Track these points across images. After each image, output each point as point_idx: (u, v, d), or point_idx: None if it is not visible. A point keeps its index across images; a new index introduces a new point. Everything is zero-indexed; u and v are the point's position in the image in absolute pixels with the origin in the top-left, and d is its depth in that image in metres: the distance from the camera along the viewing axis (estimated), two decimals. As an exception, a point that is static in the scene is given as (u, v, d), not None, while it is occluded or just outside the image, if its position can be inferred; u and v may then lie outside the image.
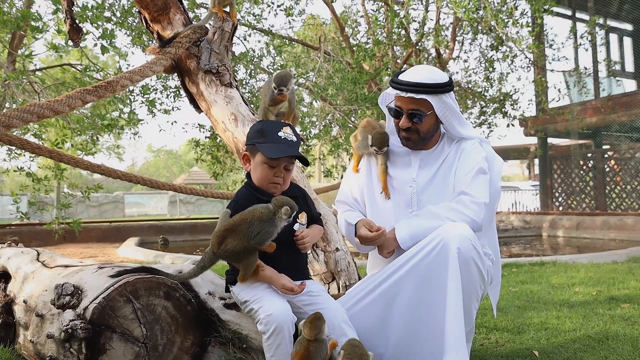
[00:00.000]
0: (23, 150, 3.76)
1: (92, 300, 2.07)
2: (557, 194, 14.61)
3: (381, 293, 2.20)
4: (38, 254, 3.01)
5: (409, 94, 2.29)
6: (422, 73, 2.33)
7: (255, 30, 8.72)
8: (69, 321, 2.03)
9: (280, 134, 2.17)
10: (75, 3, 3.30)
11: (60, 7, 4.81)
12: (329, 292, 3.00)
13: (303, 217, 2.23)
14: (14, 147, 5.66)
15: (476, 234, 2.18)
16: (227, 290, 2.25)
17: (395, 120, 2.41)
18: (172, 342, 2.17)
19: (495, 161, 2.46)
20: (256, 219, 1.99)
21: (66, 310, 2.14)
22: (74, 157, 3.36)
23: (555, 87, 10.37)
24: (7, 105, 6.97)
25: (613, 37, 14.80)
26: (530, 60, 10.01)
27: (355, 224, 2.35)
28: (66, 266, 2.69)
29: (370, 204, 2.51)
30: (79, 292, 2.18)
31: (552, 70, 10.13)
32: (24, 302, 2.54)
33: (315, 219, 2.32)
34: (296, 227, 2.18)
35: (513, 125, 9.66)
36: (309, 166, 3.25)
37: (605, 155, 13.69)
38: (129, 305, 2.10)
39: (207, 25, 3.48)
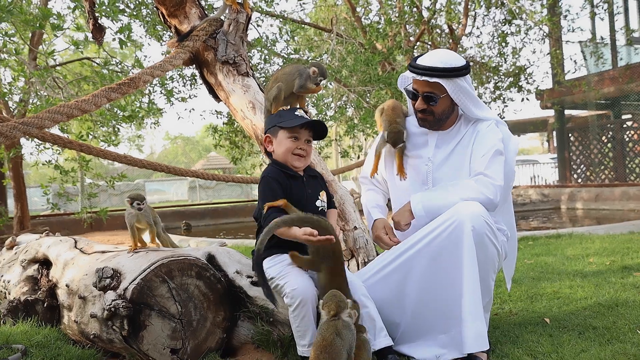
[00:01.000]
0: (55, 145, 3.96)
1: (131, 282, 2.26)
2: (575, 166, 14.52)
3: (397, 267, 2.35)
4: (75, 242, 3.22)
5: (424, 78, 2.41)
6: (437, 57, 2.44)
7: (267, 15, 8.79)
8: (111, 301, 2.23)
9: (296, 112, 2.37)
10: (95, 2, 3.45)
11: (79, 4, 4.97)
12: (348, 269, 3.17)
13: (324, 195, 2.40)
14: (41, 142, 5.90)
15: (491, 212, 2.32)
16: (254, 268, 2.42)
17: (412, 101, 2.55)
18: (205, 317, 2.36)
19: (511, 141, 2.58)
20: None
21: (107, 291, 2.34)
22: (102, 149, 3.56)
23: (571, 59, 10.29)
24: (31, 100, 7.22)
25: (632, 4, 14.46)
26: (544, 33, 9.92)
27: (375, 220, 2.60)
28: (103, 252, 2.89)
29: (390, 181, 2.68)
30: (118, 274, 2.37)
31: (567, 42, 10.03)
32: (67, 286, 2.75)
33: (331, 201, 2.48)
34: (318, 203, 2.34)
35: (528, 99, 9.63)
36: (326, 147, 3.38)
37: (624, 126, 13.52)
38: (165, 285, 2.29)
39: (222, 17, 3.61)
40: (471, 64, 10.47)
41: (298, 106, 2.63)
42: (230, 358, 2.39)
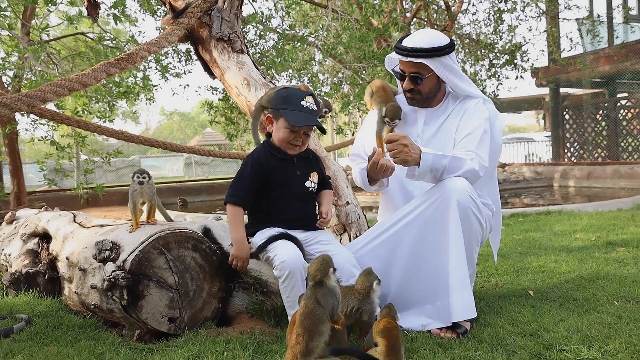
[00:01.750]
0: (51, 121, 4.00)
1: (130, 254, 2.35)
2: (568, 145, 14.62)
3: (386, 239, 2.45)
4: (74, 216, 3.30)
5: (409, 59, 2.48)
6: (421, 38, 2.51)
7: (262, -10, 8.72)
8: (111, 272, 2.31)
9: (302, 102, 2.36)
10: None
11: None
12: (341, 243, 3.27)
13: (315, 177, 2.47)
14: (37, 118, 5.92)
15: (476, 186, 2.41)
16: (248, 241, 2.51)
17: (400, 82, 2.62)
18: (201, 288, 2.46)
19: (497, 119, 2.66)
20: None
21: (107, 263, 2.42)
22: (99, 126, 3.61)
23: (567, 37, 10.27)
24: (25, 76, 7.19)
25: (630, -19, 14.36)
26: (541, 10, 9.89)
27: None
28: (101, 226, 2.97)
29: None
30: (117, 247, 2.45)
31: (564, 20, 10.00)
32: (67, 258, 2.83)
33: (325, 182, 2.56)
34: (307, 184, 2.42)
35: (522, 77, 9.65)
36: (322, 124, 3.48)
37: (618, 104, 13.58)
38: (162, 256, 2.37)
39: (216, -6, 3.62)
40: (467, 41, 10.45)
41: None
42: (226, 327, 2.49)
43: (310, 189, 2.46)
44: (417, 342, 2.18)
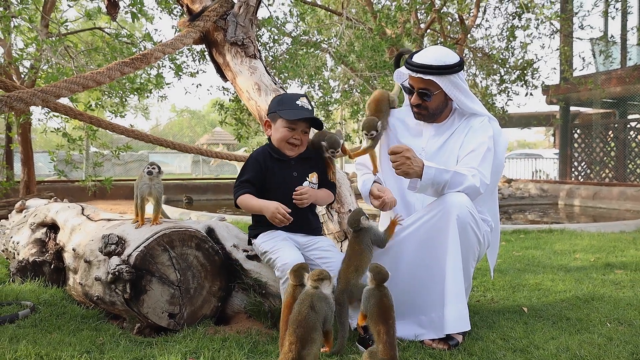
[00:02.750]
0: (66, 116, 4.09)
1: (135, 249, 2.42)
2: (576, 164, 14.59)
3: (386, 249, 2.50)
4: (83, 209, 3.38)
5: (418, 75, 2.53)
6: (432, 55, 2.55)
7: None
8: (115, 265, 2.39)
9: (297, 102, 2.49)
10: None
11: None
12: (341, 250, 3.33)
13: (314, 177, 2.52)
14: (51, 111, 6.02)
15: (477, 202, 2.46)
16: (250, 243, 2.58)
17: (409, 96, 2.67)
18: (202, 286, 2.52)
19: (501, 137, 2.71)
20: None
21: (112, 257, 2.49)
22: (111, 122, 3.69)
23: (580, 56, 10.30)
24: (42, 67, 7.32)
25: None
26: (555, 28, 9.92)
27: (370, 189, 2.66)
28: (109, 220, 3.04)
29: (383, 167, 2.80)
30: (123, 241, 2.53)
31: (577, 39, 10.04)
32: (73, 250, 2.91)
33: (328, 184, 2.60)
34: (305, 184, 2.48)
35: (532, 94, 9.67)
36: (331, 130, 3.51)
37: (628, 126, 13.55)
38: (166, 253, 2.44)
39: (233, -1, 3.70)
40: (479, 55, 10.49)
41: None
42: (224, 325, 2.56)
43: None
44: (409, 351, 2.24)
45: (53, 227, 3.42)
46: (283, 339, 1.86)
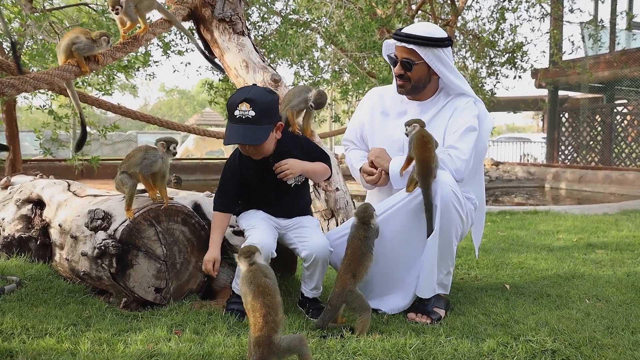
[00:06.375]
0: (49, 91, 4.04)
1: (121, 223, 2.42)
2: (563, 147, 14.73)
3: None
4: (69, 185, 3.36)
5: (402, 44, 2.55)
6: (419, 27, 2.60)
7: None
8: (101, 240, 2.39)
9: (236, 112, 2.25)
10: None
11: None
12: (328, 228, 3.35)
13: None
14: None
15: (461, 183, 2.50)
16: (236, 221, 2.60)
17: (393, 67, 2.68)
18: (188, 261, 2.54)
19: (486, 119, 2.74)
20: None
21: (98, 232, 2.49)
22: (98, 98, 3.66)
23: (569, 40, 10.32)
24: (26, 44, 7.18)
25: (636, -12, 14.36)
26: (545, 11, 9.91)
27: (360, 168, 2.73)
28: (95, 196, 3.03)
29: (370, 145, 2.81)
30: (109, 217, 2.53)
31: (566, 22, 10.04)
32: (59, 225, 2.90)
33: (320, 156, 2.58)
34: (289, 181, 2.47)
35: (521, 77, 9.70)
36: (323, 111, 3.48)
37: (614, 110, 13.67)
38: (152, 228, 2.45)
39: (221, -26, 3.65)
40: (470, 37, 10.47)
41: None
42: (210, 300, 2.58)
43: (292, 184, 2.50)
44: (392, 325, 2.28)
45: (39, 203, 3.40)
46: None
